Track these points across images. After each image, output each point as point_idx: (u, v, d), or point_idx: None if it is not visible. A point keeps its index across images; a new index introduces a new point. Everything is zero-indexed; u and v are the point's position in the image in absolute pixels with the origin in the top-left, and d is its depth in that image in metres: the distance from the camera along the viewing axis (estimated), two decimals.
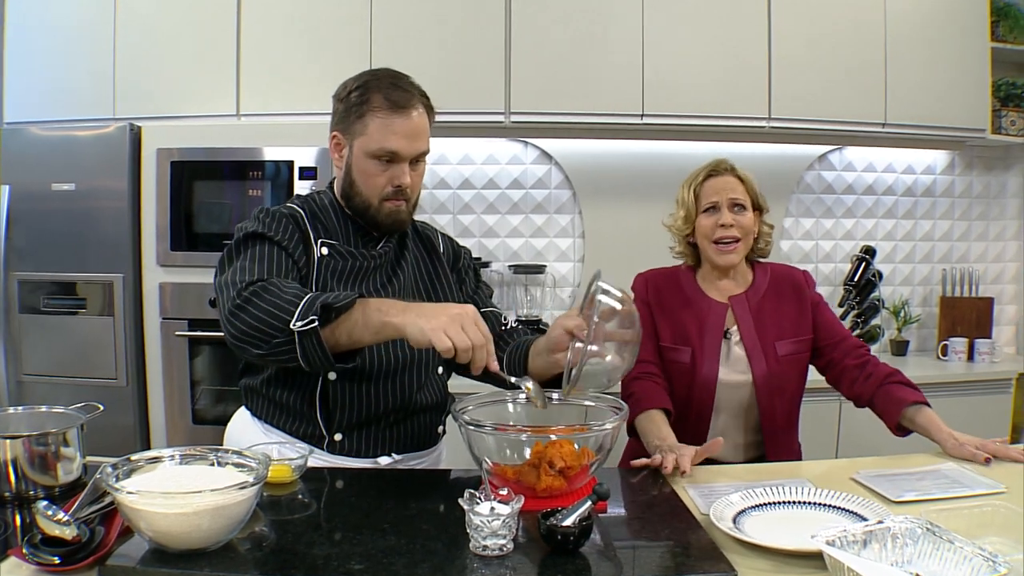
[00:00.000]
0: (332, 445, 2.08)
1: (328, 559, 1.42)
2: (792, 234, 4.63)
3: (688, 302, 2.53)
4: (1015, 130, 4.56)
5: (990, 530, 1.56)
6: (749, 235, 2.48)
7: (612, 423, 1.76)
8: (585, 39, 4.00)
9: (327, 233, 2.08)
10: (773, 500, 1.75)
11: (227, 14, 3.88)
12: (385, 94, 1.99)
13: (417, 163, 2.07)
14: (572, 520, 1.45)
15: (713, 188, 2.48)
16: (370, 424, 2.09)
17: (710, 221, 2.46)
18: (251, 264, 1.91)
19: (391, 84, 2.02)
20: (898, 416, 2.31)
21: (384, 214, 2.06)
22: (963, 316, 4.59)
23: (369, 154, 2.01)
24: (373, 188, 2.04)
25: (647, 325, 2.52)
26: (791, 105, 4.09)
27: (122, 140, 3.60)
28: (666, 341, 2.51)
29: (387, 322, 1.74)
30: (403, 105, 1.99)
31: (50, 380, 3.65)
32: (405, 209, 2.08)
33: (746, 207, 2.46)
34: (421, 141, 2.04)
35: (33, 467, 1.71)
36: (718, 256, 2.47)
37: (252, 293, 1.79)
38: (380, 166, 2.01)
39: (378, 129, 1.99)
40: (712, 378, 2.45)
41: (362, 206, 2.07)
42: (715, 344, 2.47)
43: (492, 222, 4.44)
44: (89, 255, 3.63)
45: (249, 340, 1.77)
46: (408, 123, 2.00)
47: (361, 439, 2.09)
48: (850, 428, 3.79)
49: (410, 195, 2.07)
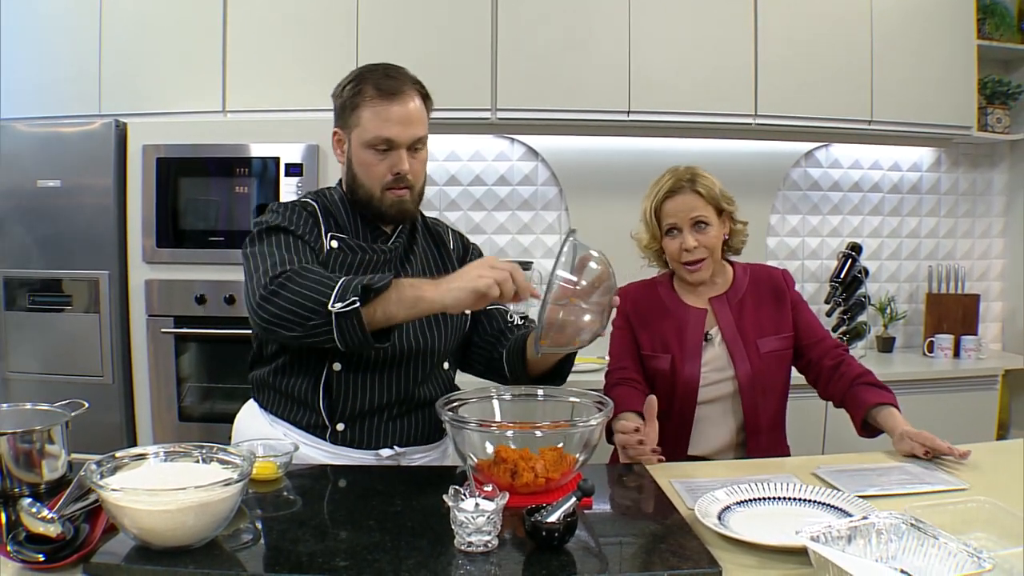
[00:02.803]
0: (335, 435, 2.09)
1: (313, 556, 1.42)
2: (778, 231, 4.63)
3: (667, 312, 2.55)
4: (1001, 127, 4.58)
5: (975, 526, 1.57)
6: (715, 249, 2.49)
7: (597, 419, 1.76)
8: (571, 36, 3.99)
9: (337, 227, 2.11)
10: (758, 496, 1.76)
11: (213, 10, 3.86)
12: (376, 84, 2.03)
13: (417, 151, 2.08)
14: (557, 516, 1.45)
15: (673, 209, 2.47)
16: (372, 415, 2.11)
17: (674, 244, 2.48)
18: (278, 252, 1.95)
19: (383, 74, 2.05)
20: (862, 417, 2.34)
21: (388, 203, 2.08)
22: (949, 313, 4.60)
23: (366, 144, 2.03)
24: (373, 178, 2.06)
25: (627, 338, 2.56)
26: (777, 102, 4.09)
27: (108, 136, 3.58)
28: (646, 350, 2.54)
29: (421, 296, 1.79)
30: (394, 92, 2.02)
31: (36, 378, 3.62)
32: (409, 198, 2.10)
33: (708, 222, 2.46)
34: (416, 127, 2.05)
35: (18, 464, 1.71)
36: (688, 275, 2.51)
37: (287, 278, 1.83)
38: (378, 155, 2.04)
39: (371, 118, 2.02)
40: (694, 380, 2.46)
41: (366, 197, 2.09)
42: (696, 348, 2.48)
43: (478, 219, 4.43)
44: (75, 252, 3.60)
45: (284, 323, 1.82)
46: (401, 110, 2.02)
47: (363, 430, 2.11)
48: (836, 427, 3.80)
49: (412, 182, 2.09)
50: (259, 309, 1.84)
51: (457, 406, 1.92)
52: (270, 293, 1.82)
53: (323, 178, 3.54)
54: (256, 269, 1.91)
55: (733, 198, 2.53)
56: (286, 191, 3.55)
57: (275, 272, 1.85)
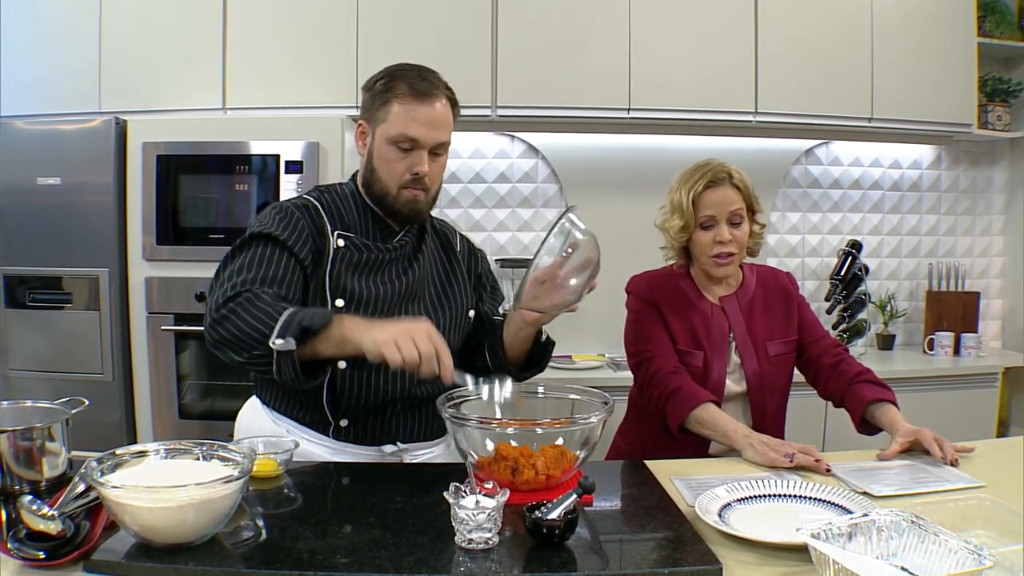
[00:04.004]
0: (338, 431, 2.10)
1: (313, 552, 1.42)
2: (779, 228, 4.63)
3: (691, 305, 2.49)
4: (1001, 125, 4.58)
5: (975, 523, 1.57)
6: (745, 246, 2.45)
7: (597, 416, 1.76)
8: (572, 33, 3.99)
9: (344, 225, 2.11)
10: (759, 493, 1.76)
11: (213, 7, 3.86)
12: (410, 83, 2.04)
13: (438, 155, 2.10)
14: (557, 513, 1.45)
15: (712, 201, 2.41)
16: (375, 412, 2.11)
17: (708, 237, 2.41)
18: (247, 270, 1.95)
19: (417, 75, 2.07)
20: (860, 414, 2.34)
21: (402, 202, 2.08)
22: (949, 310, 4.61)
23: (389, 140, 2.04)
24: (392, 175, 2.06)
25: (661, 327, 2.49)
26: (778, 99, 4.09)
27: (108, 134, 3.58)
28: (681, 344, 2.46)
29: (347, 338, 1.79)
30: (426, 93, 2.04)
31: (36, 375, 3.63)
32: (424, 199, 2.10)
33: (744, 219, 2.42)
34: (441, 131, 2.07)
35: (18, 462, 1.70)
36: (715, 269, 2.45)
37: (238, 304, 1.83)
38: (399, 153, 2.04)
39: (399, 115, 2.03)
40: (721, 382, 2.43)
41: (381, 193, 2.09)
42: (722, 345, 2.45)
43: (479, 216, 4.43)
44: (75, 250, 3.61)
45: (230, 347, 1.84)
46: (430, 111, 2.04)
47: (366, 426, 2.12)
48: (836, 425, 3.79)
49: (429, 185, 2.10)
50: (210, 329, 1.86)
51: (458, 403, 1.92)
52: (221, 317, 1.84)
53: (323, 175, 3.54)
54: (220, 286, 1.92)
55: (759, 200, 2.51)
56: (286, 188, 3.54)
57: (232, 294, 1.86)
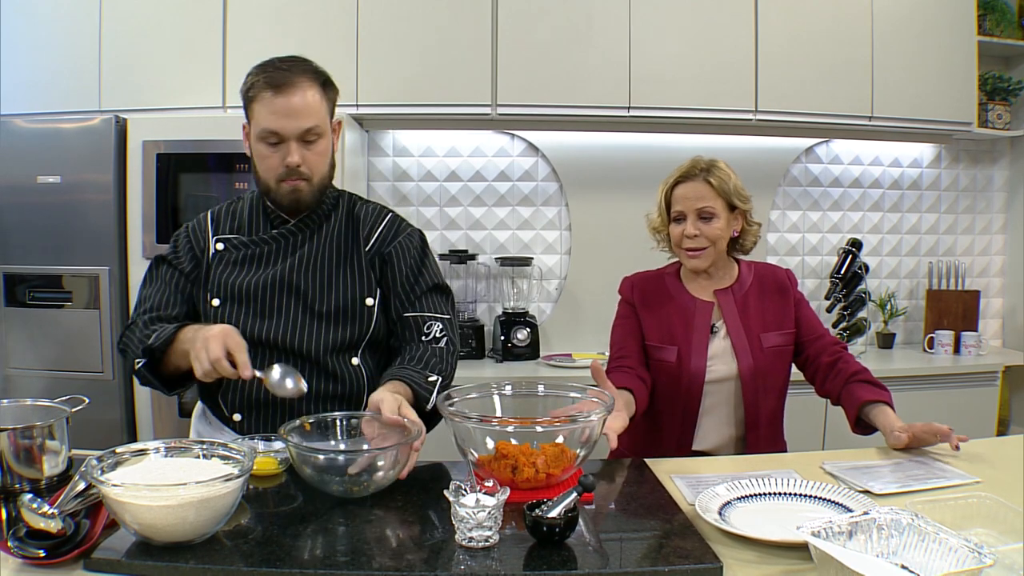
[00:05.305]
0: (234, 425, 2.16)
1: (314, 551, 1.42)
2: (779, 227, 4.63)
3: (673, 301, 2.53)
4: (1001, 124, 4.58)
5: (975, 521, 1.57)
6: (719, 240, 2.45)
7: (597, 415, 1.77)
8: (572, 31, 3.98)
9: (234, 227, 2.20)
10: (759, 491, 1.76)
11: (213, 5, 3.86)
12: (265, 78, 2.03)
13: (311, 143, 2.07)
14: (557, 512, 1.45)
15: (681, 196, 2.46)
16: (266, 406, 2.13)
17: (678, 231, 2.47)
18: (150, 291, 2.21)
19: (274, 67, 2.05)
20: (855, 414, 2.35)
21: (283, 194, 2.10)
22: (949, 309, 4.61)
23: (257, 137, 2.06)
24: (268, 170, 2.09)
25: (630, 327, 2.55)
26: (778, 97, 4.09)
27: (108, 132, 3.58)
28: (652, 340, 2.51)
29: (187, 349, 1.91)
30: (279, 84, 2.01)
31: (36, 374, 3.62)
32: (306, 188, 2.10)
33: (715, 214, 2.43)
34: (303, 119, 2.03)
35: (19, 460, 1.71)
36: (687, 262, 2.50)
37: (129, 331, 2.15)
38: (269, 148, 2.05)
39: (260, 112, 2.04)
40: (700, 374, 2.45)
41: (264, 189, 2.14)
42: (702, 340, 2.47)
43: (479, 214, 4.43)
44: (75, 248, 3.60)
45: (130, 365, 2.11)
46: (286, 102, 2.01)
47: (258, 420, 2.14)
48: (836, 423, 3.79)
49: (308, 174, 2.09)
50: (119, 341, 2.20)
51: (458, 401, 1.92)
52: (120, 342, 2.18)
53: None
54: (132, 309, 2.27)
55: (750, 197, 2.50)
56: None
57: (129, 321, 2.19)
